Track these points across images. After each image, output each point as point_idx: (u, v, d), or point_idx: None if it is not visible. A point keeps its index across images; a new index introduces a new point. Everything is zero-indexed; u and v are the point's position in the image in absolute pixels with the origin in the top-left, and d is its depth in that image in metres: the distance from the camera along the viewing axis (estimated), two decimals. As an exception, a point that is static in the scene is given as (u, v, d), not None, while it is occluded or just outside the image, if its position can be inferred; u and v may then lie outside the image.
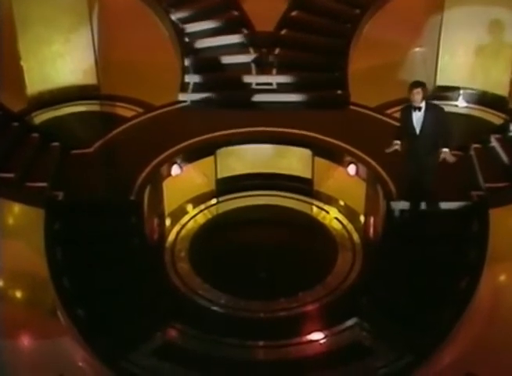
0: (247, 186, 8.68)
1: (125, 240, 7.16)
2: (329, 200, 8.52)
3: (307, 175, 8.72)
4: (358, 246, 7.79)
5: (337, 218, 8.26)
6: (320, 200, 8.55)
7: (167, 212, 8.33)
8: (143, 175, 7.88)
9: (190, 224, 8.26)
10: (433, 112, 6.46)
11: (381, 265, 7.00)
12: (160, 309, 6.64)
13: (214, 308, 6.96)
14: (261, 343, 6.42)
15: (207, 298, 7.07)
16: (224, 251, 7.69)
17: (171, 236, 8.03)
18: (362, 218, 8.30)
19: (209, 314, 6.87)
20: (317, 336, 6.43)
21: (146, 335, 6.38)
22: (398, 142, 6.65)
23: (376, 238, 7.76)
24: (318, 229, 8.19)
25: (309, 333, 6.44)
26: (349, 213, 8.31)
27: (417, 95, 6.32)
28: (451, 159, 6.60)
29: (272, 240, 7.78)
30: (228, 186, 8.76)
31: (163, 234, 8.06)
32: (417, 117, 6.39)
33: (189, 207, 8.53)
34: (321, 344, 6.36)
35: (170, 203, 8.35)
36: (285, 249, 7.66)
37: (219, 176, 8.80)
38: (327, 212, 8.39)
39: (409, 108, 6.54)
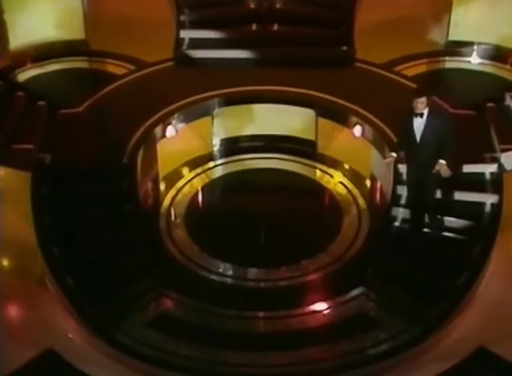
0: (247, 148, 8.70)
1: (117, 205, 7.10)
2: (334, 164, 8.52)
3: (310, 136, 8.72)
4: (363, 212, 7.78)
5: (341, 183, 8.26)
6: (324, 163, 8.55)
7: (161, 176, 8.31)
8: (136, 136, 7.81)
9: (186, 188, 8.24)
10: (436, 119, 6.12)
11: (388, 231, 6.95)
12: (155, 278, 6.57)
13: (212, 277, 6.92)
14: (260, 314, 6.37)
15: (204, 266, 7.03)
16: (222, 217, 7.68)
17: (166, 202, 8.01)
18: (368, 183, 8.30)
19: (206, 283, 6.83)
20: (320, 307, 6.37)
21: (139, 305, 6.33)
22: (394, 154, 6.42)
23: (383, 203, 7.74)
24: (321, 193, 8.20)
25: (312, 303, 6.38)
26: (354, 177, 8.31)
27: (421, 105, 6.01)
28: (445, 173, 6.26)
29: (272, 206, 7.74)
30: (227, 148, 8.78)
31: (157, 199, 8.05)
32: (418, 124, 6.07)
33: (185, 170, 8.52)
34: (324, 315, 6.31)
35: (164, 166, 8.33)
36: (286, 215, 7.64)
37: (217, 138, 8.81)
38: (331, 176, 8.39)
39: (410, 116, 6.18)
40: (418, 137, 6.12)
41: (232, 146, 8.74)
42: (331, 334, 6.06)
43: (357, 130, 8.13)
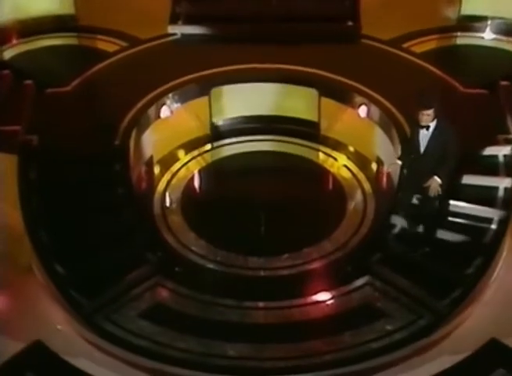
0: (246, 129, 8.66)
1: (109, 190, 7.08)
2: (338, 146, 8.50)
3: (313, 117, 8.68)
4: (369, 197, 7.77)
5: (346, 166, 8.25)
6: (327, 145, 8.53)
7: (155, 159, 8.31)
8: (128, 117, 7.81)
9: (182, 172, 8.23)
10: (443, 134, 5.94)
11: (395, 217, 6.87)
12: (149, 266, 6.52)
13: (209, 265, 6.91)
14: (260, 304, 6.29)
15: (201, 254, 7.03)
16: (220, 202, 7.67)
17: (161, 186, 8.00)
18: (373, 166, 8.28)
19: (203, 272, 6.82)
20: (323, 297, 6.32)
21: (132, 295, 6.27)
22: (399, 162, 6.40)
23: (389, 188, 7.74)
24: (325, 177, 8.19)
25: (314, 293, 6.33)
26: (359, 160, 8.29)
27: (426, 117, 5.86)
28: (433, 191, 6.11)
29: (273, 191, 7.72)
30: (225, 129, 8.77)
31: (151, 184, 8.05)
32: (423, 135, 5.96)
33: (181, 153, 8.49)
34: (327, 305, 6.25)
35: (159, 149, 8.33)
36: (288, 200, 7.63)
37: (214, 119, 8.78)
38: (335, 159, 8.39)
39: (416, 127, 6.05)
40: (422, 150, 6.02)
41: (231, 128, 8.72)
42: (335, 325, 6.01)
43: (362, 110, 8.13)
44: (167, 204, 7.77)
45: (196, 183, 8.20)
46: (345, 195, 7.79)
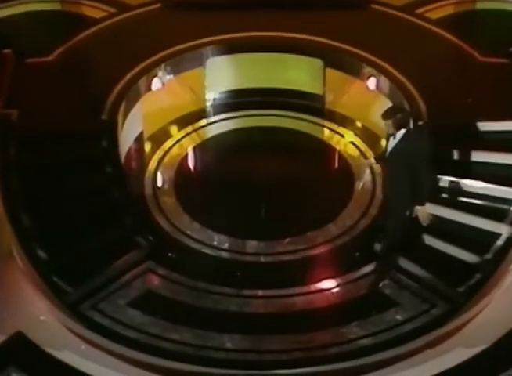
0: (245, 103, 8.66)
1: (95, 168, 7.09)
2: (344, 121, 8.53)
3: (317, 90, 8.72)
4: (378, 176, 7.71)
5: (353, 143, 8.24)
6: (333, 120, 8.56)
7: (146, 135, 8.35)
8: (116, 90, 7.80)
9: (175, 150, 8.23)
10: (413, 140, 5.72)
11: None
12: (140, 251, 6.57)
13: (205, 250, 6.90)
14: (260, 293, 6.33)
15: (196, 238, 7.02)
16: (216, 182, 7.68)
17: (152, 165, 8.01)
18: (383, 143, 8.02)
19: (198, 258, 6.82)
20: (328, 284, 6.36)
21: (121, 282, 6.30)
22: (373, 161, 6.46)
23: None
24: (330, 156, 8.21)
25: (319, 281, 6.37)
26: (368, 136, 8.28)
27: (389, 126, 5.69)
28: (426, 220, 5.89)
29: (274, 170, 7.72)
30: (222, 103, 8.79)
31: (142, 162, 8.08)
32: (390, 143, 5.84)
33: (174, 129, 8.52)
34: (333, 294, 6.29)
35: (150, 124, 8.38)
36: (290, 180, 7.62)
37: (210, 92, 8.82)
38: (342, 136, 8.40)
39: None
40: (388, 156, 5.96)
41: (228, 102, 8.76)
42: (340, 315, 6.03)
43: (371, 82, 8.16)
44: (159, 184, 7.79)
45: (191, 162, 8.23)
46: (352, 174, 7.80)
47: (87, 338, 5.70)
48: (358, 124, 8.46)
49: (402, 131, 5.70)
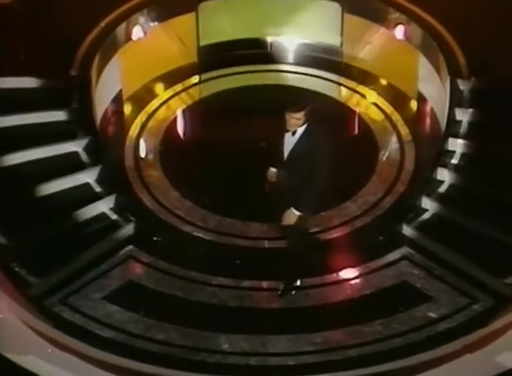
0: (243, 57, 8.87)
1: (66, 136, 7.21)
2: (366, 78, 8.72)
3: (333, 40, 8.90)
4: (407, 145, 7.85)
5: (376, 105, 8.36)
6: (352, 78, 8.78)
7: (126, 95, 8.50)
8: (89, 39, 8.03)
9: (161, 112, 8.44)
10: (313, 141, 6.02)
11: (441, 172, 6.96)
12: (119, 234, 6.62)
13: (197, 233, 6.96)
14: (264, 284, 6.36)
15: (186, 219, 7.08)
16: (210, 152, 7.72)
17: (134, 131, 8.19)
18: (413, 105, 8.37)
19: (189, 242, 6.90)
20: (346, 274, 6.37)
21: (97, 272, 6.34)
22: (274, 169, 6.48)
23: (434, 133, 7.83)
24: (349, 120, 8.26)
25: (335, 270, 6.40)
26: (394, 97, 8.54)
27: (293, 121, 5.94)
28: (289, 221, 6.01)
29: (280, 138, 7.44)
30: (216, 56, 8.88)
31: (121, 128, 8.20)
32: (289, 142, 6.12)
33: (159, 87, 8.72)
34: (352, 286, 6.30)
35: (130, 81, 8.57)
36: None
37: (202, 43, 9.06)
38: (362, 96, 8.47)
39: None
40: (285, 156, 6.16)
41: (224, 55, 8.86)
42: (361, 312, 6.02)
43: (399, 31, 8.32)
44: (142, 153, 7.83)
45: (180, 127, 8.28)
46: (376, 142, 7.92)
47: (55, 339, 5.65)
48: (383, 82, 8.58)
49: (303, 127, 5.92)
